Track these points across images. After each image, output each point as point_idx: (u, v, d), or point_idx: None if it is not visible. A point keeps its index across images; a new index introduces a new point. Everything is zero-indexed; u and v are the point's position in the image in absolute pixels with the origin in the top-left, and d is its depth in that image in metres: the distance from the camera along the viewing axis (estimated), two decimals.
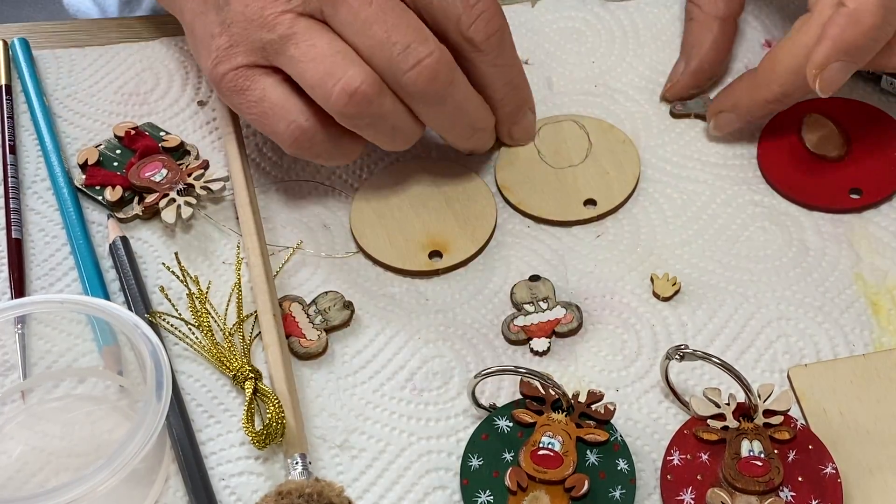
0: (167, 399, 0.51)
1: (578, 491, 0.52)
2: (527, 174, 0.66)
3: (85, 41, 0.74)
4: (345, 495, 0.50)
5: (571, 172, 0.66)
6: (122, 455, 0.49)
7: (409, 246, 0.63)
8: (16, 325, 0.58)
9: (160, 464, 0.54)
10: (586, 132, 0.68)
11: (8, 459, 0.55)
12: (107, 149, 0.67)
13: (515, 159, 0.67)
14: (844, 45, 0.58)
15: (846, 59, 0.59)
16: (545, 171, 0.66)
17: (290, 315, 0.60)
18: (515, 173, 0.66)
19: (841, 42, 0.58)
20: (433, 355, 0.59)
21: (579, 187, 0.65)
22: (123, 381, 0.57)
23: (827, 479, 0.53)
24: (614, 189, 0.65)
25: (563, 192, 0.65)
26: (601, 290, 0.62)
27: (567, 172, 0.66)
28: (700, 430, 0.54)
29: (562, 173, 0.66)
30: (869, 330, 0.59)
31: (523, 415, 0.55)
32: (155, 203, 0.64)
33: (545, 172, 0.66)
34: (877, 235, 0.63)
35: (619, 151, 0.67)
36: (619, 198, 0.65)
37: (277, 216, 0.65)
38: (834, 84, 0.60)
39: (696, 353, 0.55)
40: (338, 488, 0.50)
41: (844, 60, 0.59)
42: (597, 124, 0.68)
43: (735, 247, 0.63)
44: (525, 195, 0.65)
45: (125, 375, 0.57)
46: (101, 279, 0.61)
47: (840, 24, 0.58)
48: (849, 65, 0.59)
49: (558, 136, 0.68)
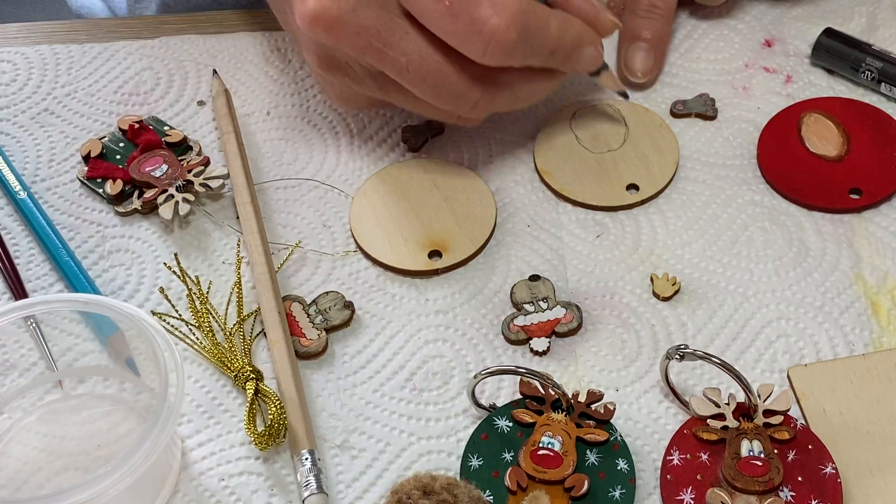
0: (180, 399, 0.51)
1: (578, 491, 0.52)
2: (567, 159, 0.66)
3: (85, 40, 0.74)
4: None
5: (611, 157, 0.66)
6: (135, 455, 0.49)
7: (409, 246, 0.63)
8: (27, 323, 0.58)
9: (170, 467, 0.54)
10: (622, 116, 0.68)
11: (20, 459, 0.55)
12: (110, 141, 0.68)
13: (554, 145, 0.66)
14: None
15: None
16: (585, 157, 0.66)
17: (291, 315, 0.60)
18: (555, 158, 0.66)
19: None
20: (433, 355, 0.59)
21: (620, 172, 0.65)
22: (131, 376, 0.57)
23: (827, 478, 0.53)
24: (656, 173, 0.65)
25: (604, 177, 0.65)
26: (601, 289, 0.62)
27: (606, 157, 0.66)
28: (700, 429, 0.54)
29: (601, 158, 0.66)
30: (869, 330, 0.59)
31: (523, 415, 0.55)
32: (153, 198, 0.64)
33: (585, 158, 0.66)
34: (877, 235, 0.63)
35: (657, 136, 0.67)
36: (661, 182, 0.65)
37: (277, 215, 0.65)
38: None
39: (696, 352, 0.55)
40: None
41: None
42: (630, 108, 0.68)
43: (735, 247, 0.63)
44: (567, 181, 0.65)
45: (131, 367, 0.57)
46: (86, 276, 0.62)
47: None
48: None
49: (595, 121, 0.67)
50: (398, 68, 0.58)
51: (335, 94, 0.65)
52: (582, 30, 0.62)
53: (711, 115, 0.69)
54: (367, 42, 0.57)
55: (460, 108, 0.60)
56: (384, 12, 0.57)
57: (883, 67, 0.69)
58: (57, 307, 0.55)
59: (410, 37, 0.58)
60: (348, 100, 0.65)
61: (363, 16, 0.57)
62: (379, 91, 0.62)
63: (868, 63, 0.69)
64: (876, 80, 0.69)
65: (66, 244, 0.63)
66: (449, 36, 0.57)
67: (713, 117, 0.69)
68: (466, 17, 0.56)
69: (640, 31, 0.69)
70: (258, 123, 0.70)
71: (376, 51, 0.58)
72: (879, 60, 0.69)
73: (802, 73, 0.71)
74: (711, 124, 0.69)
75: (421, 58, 0.58)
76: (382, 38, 0.57)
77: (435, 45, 0.58)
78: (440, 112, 0.62)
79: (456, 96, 0.60)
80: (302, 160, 0.68)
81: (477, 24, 0.56)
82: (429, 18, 0.57)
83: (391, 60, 0.58)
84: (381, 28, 0.57)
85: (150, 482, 0.53)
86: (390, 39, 0.58)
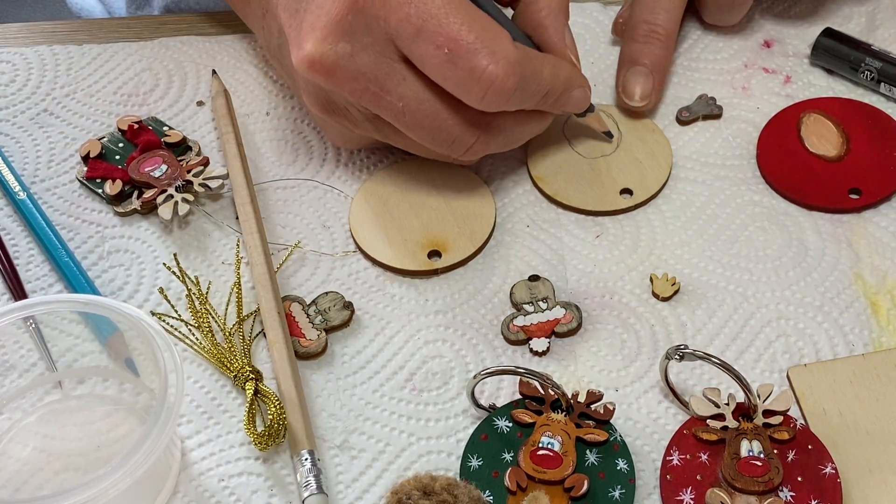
0: (180, 399, 0.51)
1: (578, 491, 0.52)
2: (560, 165, 0.66)
3: (85, 41, 0.74)
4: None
5: (604, 162, 0.66)
6: (135, 456, 0.49)
7: (408, 246, 0.63)
8: (27, 324, 0.58)
9: (170, 468, 0.54)
10: (615, 121, 0.68)
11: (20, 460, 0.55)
12: (109, 142, 0.68)
13: (547, 151, 0.67)
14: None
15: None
16: (578, 162, 0.66)
17: (290, 315, 0.60)
18: (549, 164, 0.66)
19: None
20: (433, 355, 0.59)
21: (614, 177, 0.65)
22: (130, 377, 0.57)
23: (826, 478, 0.53)
24: (649, 178, 0.65)
25: (598, 182, 0.65)
26: (601, 290, 0.62)
27: (600, 162, 0.66)
28: (700, 430, 0.54)
29: (595, 163, 0.66)
30: (868, 330, 0.59)
31: (522, 415, 0.55)
32: (153, 198, 0.64)
33: (578, 163, 0.66)
34: (876, 235, 0.63)
35: (649, 140, 0.67)
36: (654, 186, 0.65)
37: (276, 216, 0.65)
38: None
39: (696, 353, 0.55)
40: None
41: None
42: (623, 113, 0.69)
43: (734, 247, 0.63)
44: (560, 186, 0.65)
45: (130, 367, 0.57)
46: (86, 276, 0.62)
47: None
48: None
49: (588, 127, 0.68)
50: (395, 112, 0.59)
51: (333, 134, 0.66)
52: (572, 73, 0.63)
53: (717, 113, 0.69)
54: (365, 87, 0.58)
55: (455, 151, 0.61)
56: (382, 58, 0.58)
57: (882, 67, 0.69)
58: (56, 308, 0.55)
59: (408, 82, 0.58)
60: (347, 140, 0.66)
61: (361, 61, 0.57)
62: (376, 133, 0.62)
63: (867, 63, 0.69)
64: (875, 80, 0.69)
65: (66, 245, 0.63)
66: (448, 82, 0.58)
67: (719, 115, 0.69)
68: (466, 64, 0.56)
69: (638, 56, 0.69)
70: (257, 124, 0.70)
71: (373, 95, 0.58)
72: (879, 60, 0.69)
73: (802, 73, 0.71)
74: (711, 124, 0.69)
75: (417, 103, 0.59)
76: (380, 83, 0.58)
77: (432, 91, 0.59)
78: (435, 154, 0.63)
79: (451, 140, 0.60)
80: (301, 160, 0.68)
81: (476, 72, 0.56)
82: (428, 65, 0.57)
83: (388, 105, 0.59)
84: (378, 73, 0.58)
85: (149, 483, 0.53)
86: (387, 84, 0.58)
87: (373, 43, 0.57)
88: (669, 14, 0.70)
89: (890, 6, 0.74)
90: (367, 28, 0.57)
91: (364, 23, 0.57)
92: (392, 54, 0.58)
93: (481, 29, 0.57)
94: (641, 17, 0.70)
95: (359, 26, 0.57)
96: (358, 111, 0.61)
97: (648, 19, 0.69)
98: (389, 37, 0.57)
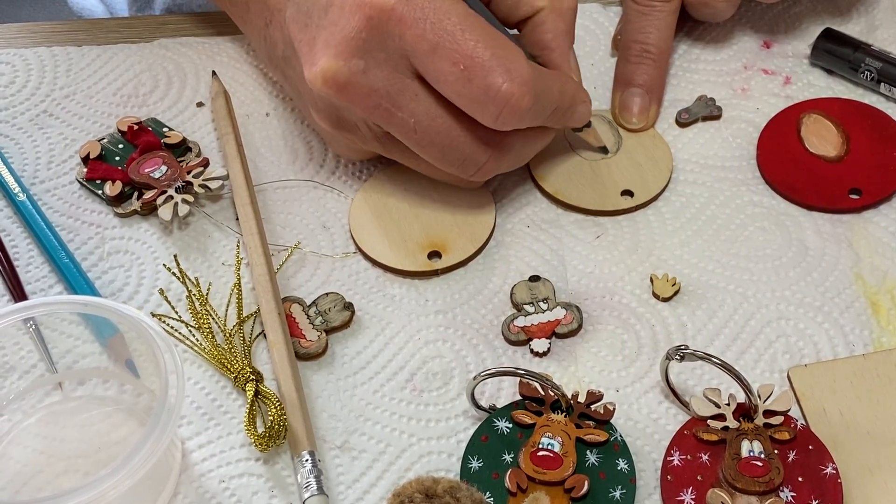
0: (180, 400, 0.51)
1: (578, 491, 0.52)
2: (562, 166, 0.66)
3: (85, 41, 0.74)
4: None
5: (605, 164, 0.66)
6: (136, 457, 0.49)
7: (409, 246, 0.63)
8: (27, 325, 0.58)
9: (171, 469, 0.54)
10: (615, 126, 0.68)
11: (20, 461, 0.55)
12: (109, 143, 0.68)
13: (549, 152, 0.67)
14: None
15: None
16: (579, 163, 0.66)
17: (291, 316, 0.60)
18: (551, 165, 0.66)
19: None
20: (433, 356, 0.59)
21: (615, 178, 0.66)
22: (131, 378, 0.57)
23: (827, 479, 0.53)
24: (649, 180, 0.65)
25: (599, 182, 0.65)
26: (601, 290, 0.62)
27: (601, 164, 0.66)
28: (700, 430, 0.54)
29: (596, 165, 0.66)
30: (869, 330, 0.59)
31: (523, 416, 0.55)
32: (153, 199, 0.64)
33: (579, 164, 0.66)
34: (876, 235, 0.63)
35: (649, 145, 0.67)
36: (655, 189, 0.65)
37: (276, 217, 0.65)
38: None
39: (696, 353, 0.55)
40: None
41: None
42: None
43: (734, 247, 0.63)
44: (562, 185, 0.65)
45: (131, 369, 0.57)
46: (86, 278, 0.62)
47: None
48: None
49: (584, 140, 0.68)
50: (406, 130, 0.58)
51: (339, 147, 0.65)
52: (577, 89, 0.63)
53: (717, 114, 0.69)
54: (377, 103, 0.57)
55: (465, 171, 0.61)
56: (395, 74, 0.57)
57: (882, 68, 0.69)
58: (56, 309, 0.55)
59: (420, 99, 0.58)
60: (353, 154, 0.65)
61: (374, 77, 0.57)
62: (384, 151, 0.62)
63: (867, 63, 0.69)
64: (875, 80, 0.69)
65: (66, 246, 0.63)
66: (462, 100, 0.57)
67: (718, 116, 0.69)
68: (481, 82, 0.56)
69: (632, 77, 0.69)
70: (257, 124, 0.70)
71: (385, 111, 0.58)
72: (878, 61, 0.69)
73: (801, 73, 0.71)
74: (711, 125, 0.69)
75: (429, 120, 0.58)
76: (392, 100, 0.57)
77: (444, 108, 0.58)
78: (443, 174, 0.62)
79: (462, 159, 0.60)
80: (301, 161, 0.68)
81: (492, 90, 0.56)
82: (443, 82, 0.57)
83: (399, 122, 0.58)
84: (390, 89, 0.57)
85: (150, 484, 0.53)
86: (399, 101, 0.58)
87: (386, 59, 0.57)
88: (661, 32, 0.69)
89: (889, 6, 0.74)
90: (381, 44, 0.56)
91: (378, 39, 0.56)
92: (405, 71, 0.57)
93: (497, 47, 0.56)
94: (633, 36, 0.70)
95: (373, 43, 0.56)
96: (368, 128, 0.60)
97: (639, 39, 0.69)
98: (404, 53, 0.57)
